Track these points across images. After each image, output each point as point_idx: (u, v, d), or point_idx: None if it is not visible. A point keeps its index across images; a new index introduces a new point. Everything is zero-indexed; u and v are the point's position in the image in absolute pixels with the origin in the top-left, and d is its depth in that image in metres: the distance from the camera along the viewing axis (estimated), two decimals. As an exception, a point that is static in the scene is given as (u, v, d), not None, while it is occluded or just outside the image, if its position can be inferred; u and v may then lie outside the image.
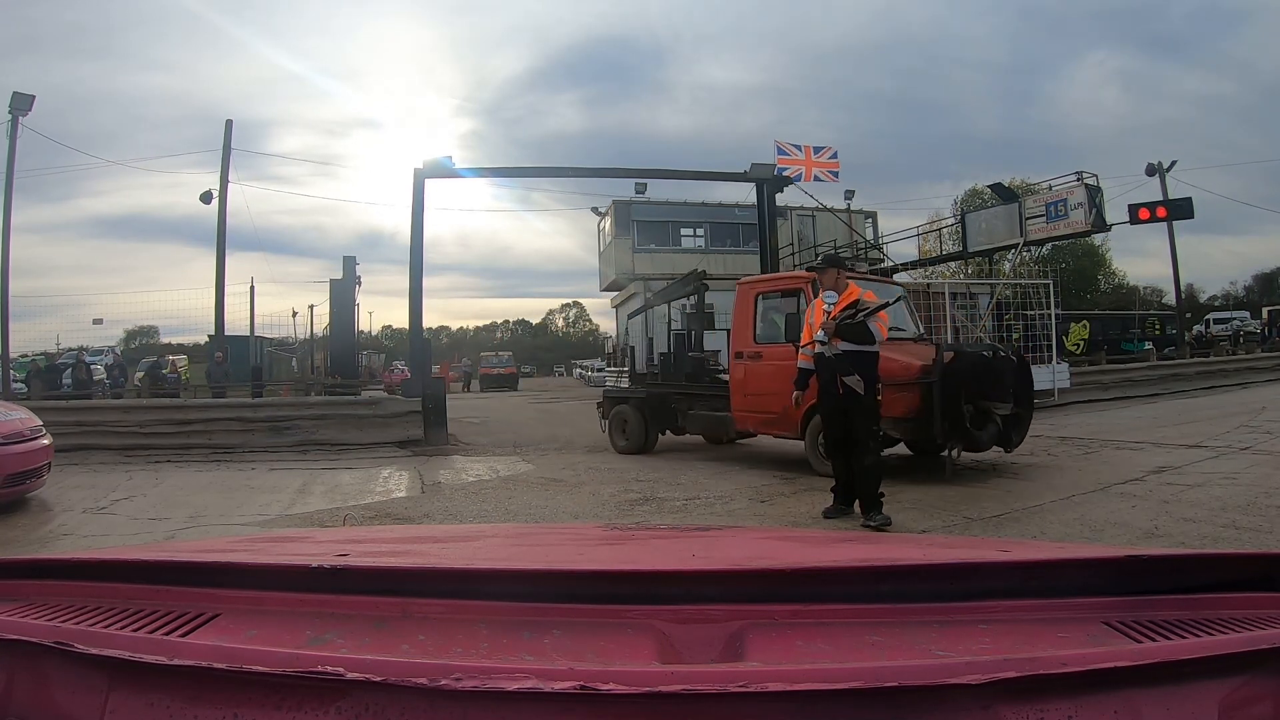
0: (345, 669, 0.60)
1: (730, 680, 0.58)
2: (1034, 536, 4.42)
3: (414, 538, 1.61)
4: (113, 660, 0.64)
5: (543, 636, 0.70)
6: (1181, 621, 0.73)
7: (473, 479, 7.51)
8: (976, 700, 0.59)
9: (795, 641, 0.70)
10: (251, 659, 0.62)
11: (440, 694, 0.59)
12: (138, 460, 8.94)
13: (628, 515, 5.47)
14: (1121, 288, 45.32)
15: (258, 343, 21.85)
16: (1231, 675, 0.64)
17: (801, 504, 5.67)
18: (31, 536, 5.15)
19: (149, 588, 0.82)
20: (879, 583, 0.80)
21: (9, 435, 5.73)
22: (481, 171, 13.56)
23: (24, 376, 17.24)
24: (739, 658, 0.67)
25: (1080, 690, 0.61)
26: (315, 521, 5.51)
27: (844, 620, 0.74)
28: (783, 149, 16.64)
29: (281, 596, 0.79)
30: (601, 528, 2.09)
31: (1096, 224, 13.77)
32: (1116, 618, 0.74)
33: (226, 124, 17.91)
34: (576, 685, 0.58)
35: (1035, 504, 5.26)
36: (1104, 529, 4.53)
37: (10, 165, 15.27)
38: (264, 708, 0.61)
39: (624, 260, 24.87)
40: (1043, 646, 0.67)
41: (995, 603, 0.76)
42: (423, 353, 11.87)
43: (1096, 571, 0.84)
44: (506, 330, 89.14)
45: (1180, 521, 4.60)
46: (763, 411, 7.30)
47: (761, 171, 12.81)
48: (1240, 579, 0.81)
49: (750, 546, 1.35)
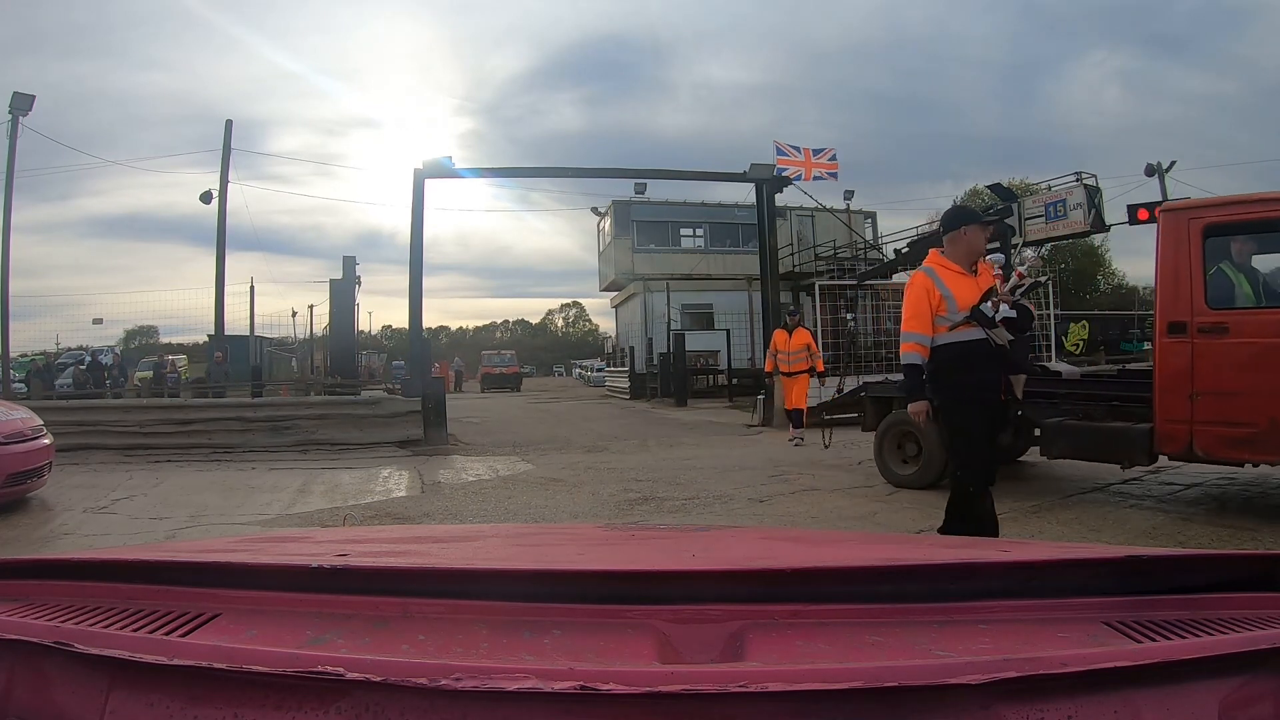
0: (345, 669, 0.60)
1: (730, 680, 0.58)
2: (1033, 536, 4.43)
3: (414, 538, 1.61)
4: (113, 660, 0.64)
5: (543, 636, 0.70)
6: (1181, 621, 0.73)
7: (472, 478, 7.52)
8: (976, 700, 0.59)
9: (795, 641, 0.70)
10: (251, 659, 0.62)
11: (440, 694, 0.59)
12: (138, 460, 8.94)
13: (627, 515, 5.47)
14: (1121, 288, 45.31)
15: (257, 342, 21.86)
16: (1231, 675, 0.64)
17: (800, 504, 5.67)
18: (33, 536, 5.15)
19: (149, 588, 0.82)
20: (879, 583, 0.80)
21: (10, 435, 5.74)
22: (481, 172, 13.57)
23: (23, 376, 17.27)
24: (739, 658, 0.67)
25: (1080, 690, 0.61)
26: (316, 521, 5.52)
27: (844, 620, 0.74)
28: (782, 149, 16.62)
29: (281, 596, 0.79)
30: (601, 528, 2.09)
31: (1095, 224, 13.78)
32: (1116, 618, 0.74)
33: (226, 124, 17.91)
34: (576, 685, 0.58)
35: (1033, 504, 5.27)
36: (1102, 529, 4.54)
37: (10, 165, 15.28)
38: (264, 708, 0.61)
39: (623, 260, 24.89)
40: (1043, 646, 0.67)
41: (995, 603, 0.76)
42: (422, 353, 11.88)
43: (1096, 571, 0.84)
44: (506, 330, 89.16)
45: (1178, 521, 4.60)
46: (1232, 422, 4.53)
47: (761, 172, 12.84)
48: (1240, 579, 0.81)
49: (750, 546, 1.35)
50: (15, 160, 15.33)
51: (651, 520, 5.30)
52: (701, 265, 23.73)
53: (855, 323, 15.05)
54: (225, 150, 17.56)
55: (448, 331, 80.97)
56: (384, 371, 32.15)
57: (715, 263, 24.06)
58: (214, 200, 17.27)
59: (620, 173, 16.25)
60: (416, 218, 11.34)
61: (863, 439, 9.49)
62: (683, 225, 25.66)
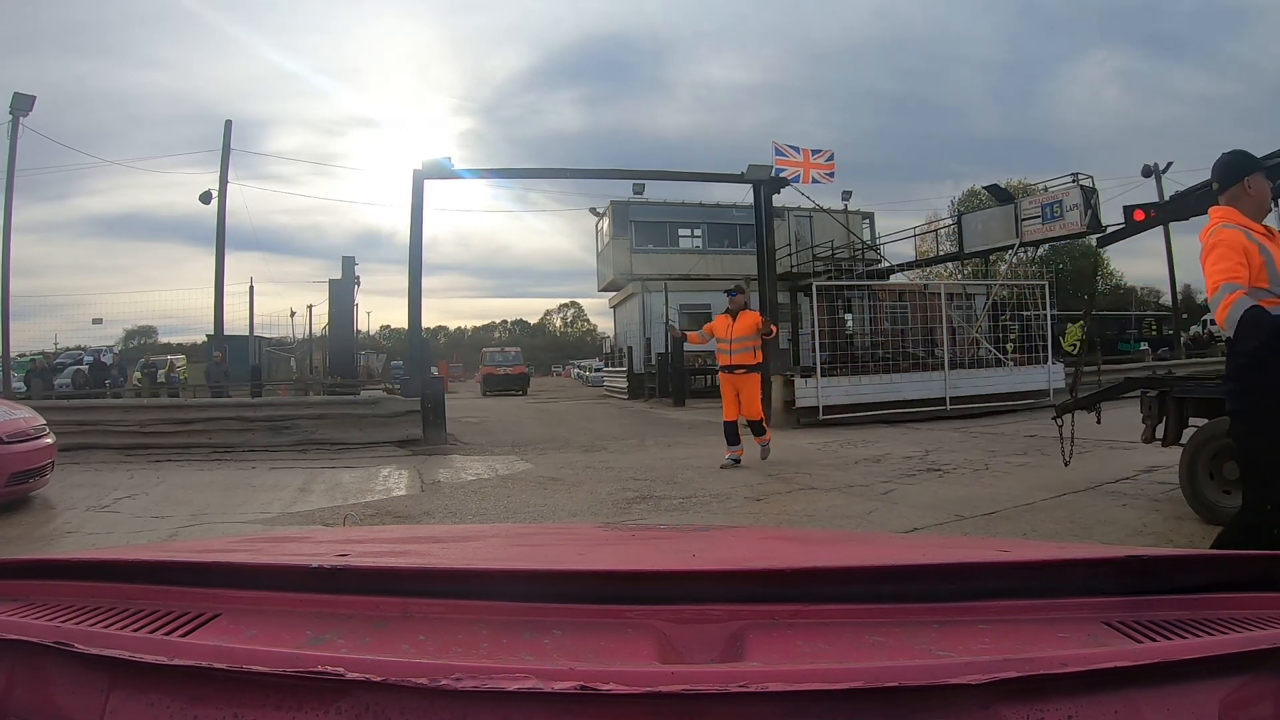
0: (345, 669, 0.60)
1: (730, 680, 0.58)
2: (1024, 534, 4.45)
3: (414, 538, 1.61)
4: (113, 660, 0.64)
5: (543, 636, 0.70)
6: (1181, 621, 0.73)
7: (472, 478, 7.52)
8: (976, 700, 0.59)
9: (795, 641, 0.70)
10: (251, 659, 0.62)
11: (440, 694, 0.59)
12: (138, 459, 8.95)
13: (625, 513, 5.48)
14: (1120, 288, 45.41)
15: (256, 343, 21.86)
16: (1231, 675, 0.64)
17: (797, 503, 5.68)
18: (36, 534, 5.18)
19: (149, 588, 0.82)
20: (879, 583, 0.80)
21: (13, 434, 5.77)
22: (480, 173, 13.57)
23: (23, 376, 17.26)
24: (739, 658, 0.67)
25: (1080, 690, 0.61)
26: (318, 519, 5.55)
27: (844, 620, 0.74)
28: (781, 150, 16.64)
29: (282, 597, 0.79)
30: (601, 528, 2.09)
31: (1091, 225, 13.83)
32: (1116, 618, 0.74)
33: (226, 125, 17.93)
34: (576, 685, 0.58)
35: (1026, 502, 5.28)
36: (1093, 527, 4.55)
37: (11, 166, 15.27)
38: (264, 708, 0.61)
39: (622, 260, 24.90)
40: (1043, 646, 0.67)
41: (995, 603, 0.76)
42: (422, 353, 11.88)
43: (1096, 571, 0.84)
44: (505, 330, 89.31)
45: (1169, 519, 4.61)
46: None
47: (758, 173, 12.84)
48: (1240, 579, 0.81)
49: (750, 546, 1.35)
50: (16, 161, 15.33)
51: (649, 519, 5.31)
52: (700, 266, 23.73)
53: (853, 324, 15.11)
54: (225, 150, 17.58)
55: (446, 331, 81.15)
56: (382, 371, 32.13)
57: (713, 263, 24.06)
58: (213, 200, 17.29)
59: (618, 174, 16.28)
60: (416, 219, 11.33)
61: (862, 438, 9.54)
62: (681, 226, 25.67)
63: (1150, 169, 23.03)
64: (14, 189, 15.48)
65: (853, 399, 11.63)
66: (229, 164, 17.46)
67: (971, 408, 11.92)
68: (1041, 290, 13.50)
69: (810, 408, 11.40)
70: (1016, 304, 13.77)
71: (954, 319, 13.72)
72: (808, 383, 11.60)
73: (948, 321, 13.00)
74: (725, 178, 14.01)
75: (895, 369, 12.53)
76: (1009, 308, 13.99)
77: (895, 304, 14.24)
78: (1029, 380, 12.73)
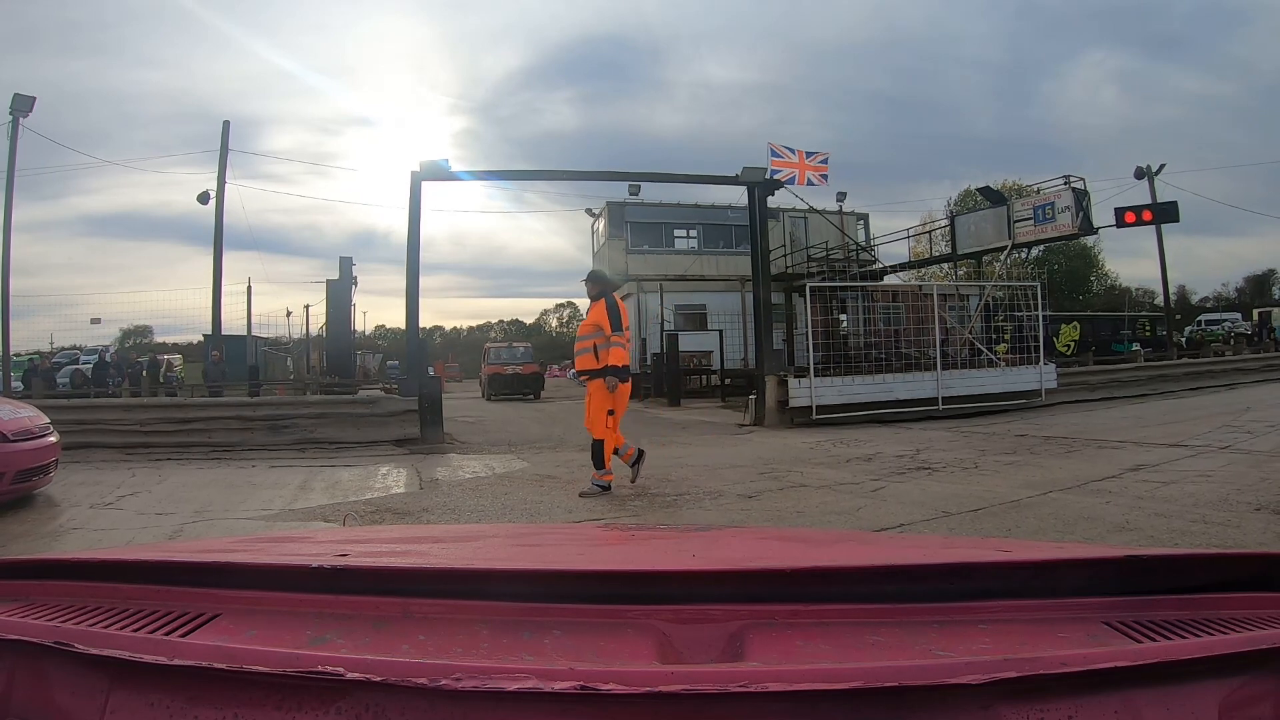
0: (345, 669, 0.60)
1: (730, 680, 0.59)
2: (1008, 531, 4.48)
3: (414, 538, 1.60)
4: (113, 660, 0.64)
5: (543, 636, 0.70)
6: (1181, 621, 0.74)
7: (469, 476, 7.53)
8: (976, 700, 0.59)
9: (795, 641, 0.70)
10: (251, 659, 0.62)
11: (440, 694, 0.59)
12: (139, 458, 8.94)
13: (620, 510, 5.50)
14: (1114, 289, 45.57)
15: (253, 342, 21.83)
16: (1231, 675, 0.64)
17: (788, 500, 5.70)
18: (42, 530, 5.18)
19: (149, 588, 0.82)
20: (879, 583, 0.81)
21: (18, 432, 5.78)
22: (478, 174, 13.57)
23: (21, 375, 17.20)
24: (739, 658, 0.67)
25: (1080, 690, 0.61)
26: (318, 515, 5.56)
27: (844, 620, 0.74)
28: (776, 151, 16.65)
29: (282, 596, 0.79)
30: (601, 528, 2.09)
31: (1083, 227, 13.91)
32: (1116, 618, 0.75)
33: (224, 125, 17.95)
34: (576, 685, 0.58)
35: (1012, 499, 5.31)
36: (1076, 523, 4.56)
37: (11, 166, 15.23)
38: (264, 708, 0.61)
39: (618, 261, 24.88)
40: (1043, 646, 0.67)
41: (995, 603, 0.76)
42: (419, 353, 11.87)
43: (1096, 571, 0.84)
44: (500, 330, 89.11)
45: (1152, 516, 4.62)
46: None
47: (752, 175, 12.84)
48: (1240, 579, 0.81)
49: (750, 546, 1.35)
50: (16, 161, 15.28)
51: (644, 515, 5.34)
52: (695, 266, 23.77)
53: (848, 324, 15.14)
54: (223, 151, 17.57)
55: (442, 331, 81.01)
56: (378, 371, 32.05)
57: (709, 264, 24.11)
58: (211, 201, 17.24)
59: (614, 176, 16.37)
60: (413, 220, 11.31)
61: (855, 438, 9.56)
62: (676, 226, 25.70)
63: (1143, 170, 23.14)
64: (14, 189, 15.45)
65: (846, 399, 11.63)
66: (226, 164, 17.44)
67: (964, 408, 11.95)
68: (1034, 291, 13.54)
69: (804, 407, 11.42)
70: (1009, 304, 13.82)
71: (947, 320, 13.76)
72: (801, 383, 11.61)
73: (941, 322, 13.04)
74: (720, 180, 14.01)
75: (888, 369, 12.56)
76: (1002, 308, 14.03)
77: (889, 305, 14.27)
78: (1021, 380, 12.76)
